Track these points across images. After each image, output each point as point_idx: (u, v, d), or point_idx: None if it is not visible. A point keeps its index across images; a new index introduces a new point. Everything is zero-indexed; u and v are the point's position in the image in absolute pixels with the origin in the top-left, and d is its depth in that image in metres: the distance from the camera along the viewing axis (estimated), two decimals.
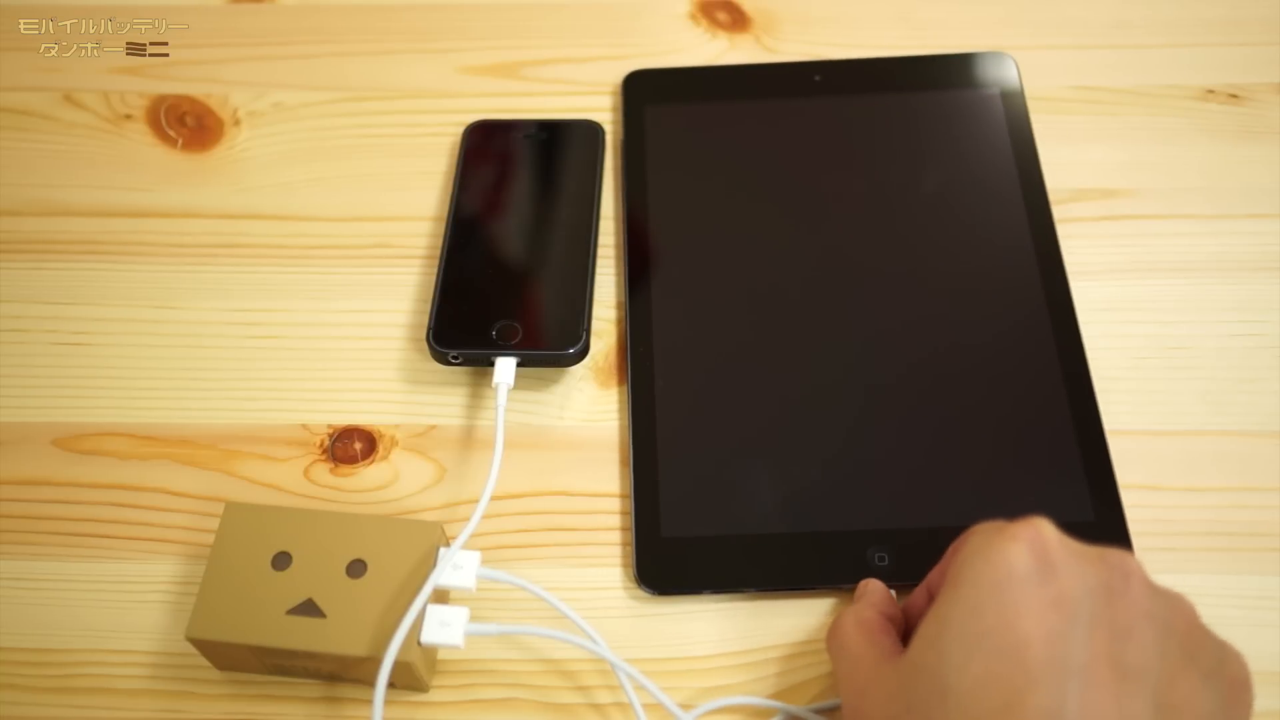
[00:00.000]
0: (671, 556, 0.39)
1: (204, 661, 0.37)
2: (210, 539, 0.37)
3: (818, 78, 0.50)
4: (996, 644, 0.28)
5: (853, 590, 0.38)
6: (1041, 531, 0.30)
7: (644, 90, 0.50)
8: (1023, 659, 0.28)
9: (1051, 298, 0.43)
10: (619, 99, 0.50)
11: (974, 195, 0.46)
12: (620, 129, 0.49)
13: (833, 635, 0.34)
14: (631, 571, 0.39)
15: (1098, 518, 0.39)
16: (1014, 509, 0.38)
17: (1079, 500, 0.39)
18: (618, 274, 0.46)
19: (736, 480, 0.40)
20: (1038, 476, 0.40)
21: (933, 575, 0.35)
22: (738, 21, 0.54)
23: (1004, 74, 0.49)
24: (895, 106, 0.49)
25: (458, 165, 0.48)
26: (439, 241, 0.46)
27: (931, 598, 0.34)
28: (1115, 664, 0.28)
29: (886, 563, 0.38)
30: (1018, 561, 0.29)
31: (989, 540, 0.30)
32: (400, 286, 0.46)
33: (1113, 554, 0.30)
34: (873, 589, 0.36)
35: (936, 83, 0.49)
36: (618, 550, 0.39)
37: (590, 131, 0.48)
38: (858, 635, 0.33)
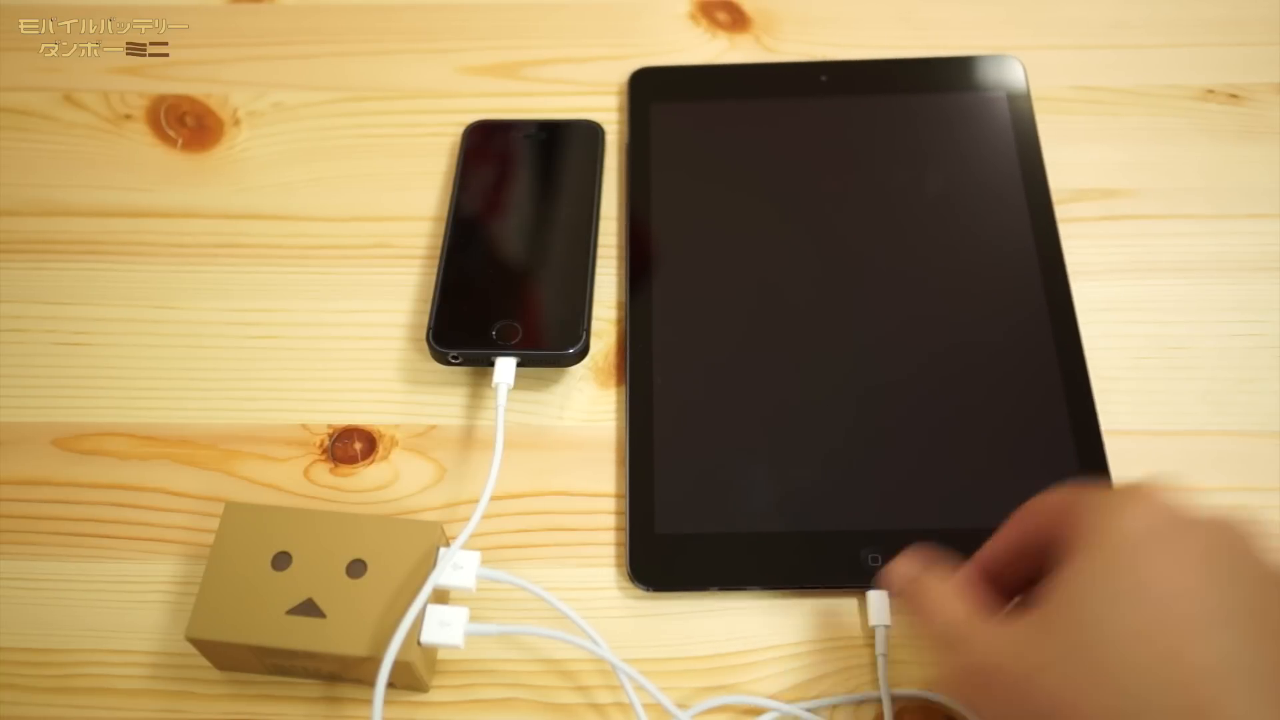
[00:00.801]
0: (665, 553, 0.39)
1: (204, 661, 0.37)
2: (210, 539, 0.37)
3: (824, 78, 0.50)
4: (1151, 596, 0.28)
5: (848, 592, 0.38)
6: (1170, 492, 0.30)
7: (650, 88, 0.50)
8: (1180, 610, 0.28)
9: (1052, 300, 0.43)
10: (624, 96, 0.50)
11: (978, 198, 0.46)
12: (625, 126, 0.49)
13: (916, 598, 0.33)
14: (626, 569, 0.39)
15: None
16: (1009, 512, 0.38)
17: None
18: (618, 274, 0.46)
19: (732, 479, 0.40)
20: (1034, 478, 0.39)
21: (997, 546, 0.34)
22: (738, 21, 0.54)
23: (1010, 77, 0.49)
24: (901, 108, 0.49)
25: (458, 165, 0.48)
26: (439, 241, 0.46)
27: (986, 570, 0.34)
28: (1264, 617, 0.28)
29: (880, 563, 0.38)
30: (1158, 518, 0.29)
31: (1122, 501, 0.30)
32: (400, 286, 0.46)
33: (1234, 517, 0.30)
34: (911, 567, 0.35)
35: (942, 85, 0.49)
36: (617, 550, 0.39)
37: (590, 131, 0.48)
38: (952, 595, 0.32)
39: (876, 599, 0.37)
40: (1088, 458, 0.40)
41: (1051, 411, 0.41)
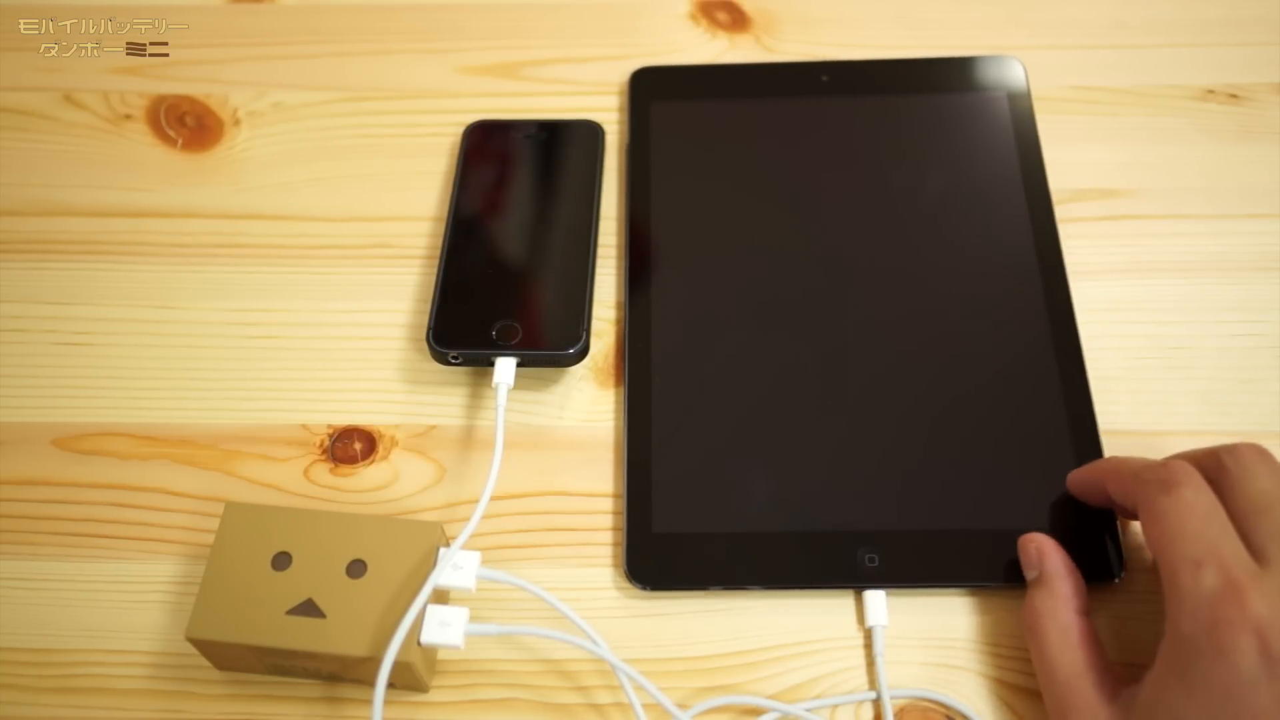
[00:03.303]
0: (662, 552, 0.39)
1: (204, 661, 0.37)
2: (210, 539, 0.37)
3: (825, 78, 0.50)
4: None
5: (842, 591, 0.38)
6: (1270, 615, 0.29)
7: (651, 87, 0.50)
8: None
9: (1051, 300, 0.43)
10: (625, 96, 0.50)
11: (978, 198, 0.46)
12: (625, 126, 0.49)
13: (1036, 637, 0.35)
14: (623, 567, 0.39)
15: (1090, 521, 0.39)
16: (1006, 513, 0.38)
17: (1071, 503, 0.39)
18: (618, 274, 0.46)
19: (730, 479, 0.40)
20: (1031, 479, 0.40)
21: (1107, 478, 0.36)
22: (738, 21, 0.54)
23: (1011, 77, 0.49)
24: (902, 108, 0.49)
25: (458, 165, 0.48)
26: (439, 241, 0.46)
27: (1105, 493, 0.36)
28: None
29: (877, 564, 0.38)
30: (1246, 662, 0.29)
31: (1216, 625, 0.30)
32: (400, 286, 0.46)
33: None
34: (1059, 572, 0.36)
35: (943, 85, 0.49)
36: (617, 550, 0.39)
37: (590, 131, 0.48)
38: (1065, 652, 0.34)
39: (873, 599, 0.37)
40: (1085, 458, 0.40)
41: (1049, 412, 0.41)
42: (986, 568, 0.38)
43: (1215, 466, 0.34)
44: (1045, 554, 0.36)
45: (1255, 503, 0.32)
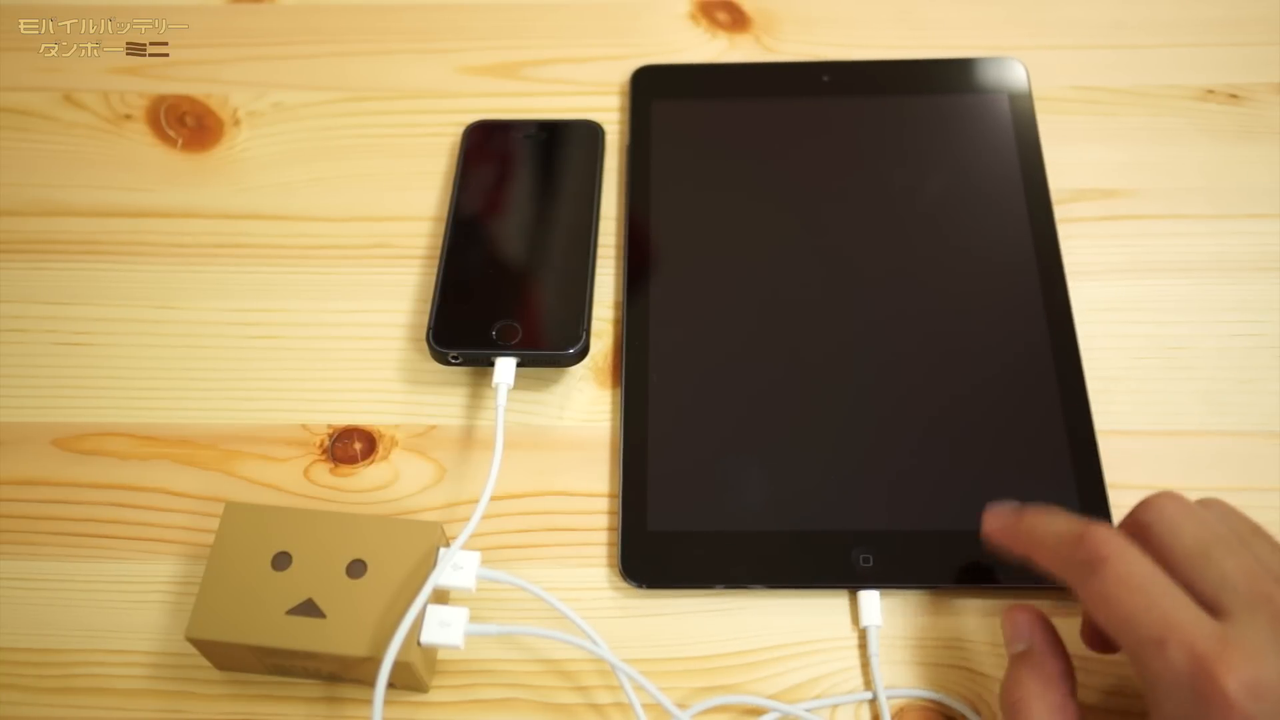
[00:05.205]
0: (657, 550, 0.39)
1: (204, 661, 0.37)
2: (210, 539, 0.37)
3: (826, 78, 0.50)
4: None
5: (836, 591, 0.38)
6: (1245, 687, 0.28)
7: (652, 86, 0.50)
8: None
9: (1049, 301, 0.43)
10: (625, 96, 0.50)
11: (978, 199, 0.46)
12: (626, 125, 0.49)
13: (1020, 718, 0.32)
14: (618, 565, 0.39)
15: None
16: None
17: (1067, 505, 0.39)
18: (617, 274, 0.46)
19: (726, 478, 0.40)
20: (1026, 480, 0.39)
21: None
22: (738, 21, 0.54)
23: (1013, 79, 0.49)
24: (903, 109, 0.49)
25: (458, 165, 0.48)
26: (439, 241, 0.46)
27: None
28: None
29: (871, 564, 0.38)
30: None
31: (1202, 708, 0.29)
32: (400, 286, 0.46)
33: None
34: (1051, 649, 0.34)
35: (945, 87, 0.49)
36: (615, 550, 0.39)
37: (590, 131, 0.48)
38: None
39: (868, 599, 0.38)
40: (1082, 460, 0.40)
41: (1046, 413, 0.41)
42: (980, 569, 0.38)
43: (1138, 526, 0.33)
44: (1037, 628, 0.34)
45: (1191, 552, 0.31)
